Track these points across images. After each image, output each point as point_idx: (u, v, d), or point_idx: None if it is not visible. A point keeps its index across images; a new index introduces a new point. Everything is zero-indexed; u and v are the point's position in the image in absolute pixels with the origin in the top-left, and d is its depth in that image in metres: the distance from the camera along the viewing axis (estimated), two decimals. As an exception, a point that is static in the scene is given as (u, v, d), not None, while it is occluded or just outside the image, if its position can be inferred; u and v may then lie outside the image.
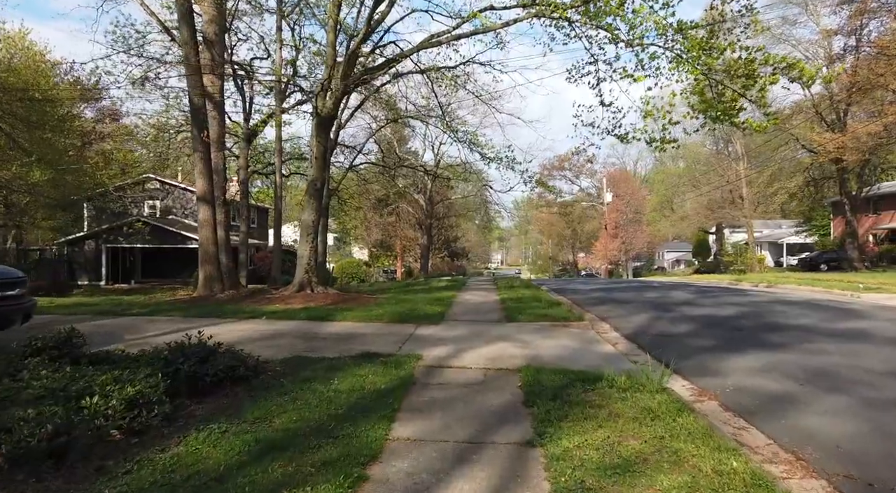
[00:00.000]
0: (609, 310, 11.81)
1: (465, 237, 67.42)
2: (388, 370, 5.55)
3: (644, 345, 7.71)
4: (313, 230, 12.15)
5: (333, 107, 11.88)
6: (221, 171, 15.01)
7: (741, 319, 9.83)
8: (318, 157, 12.00)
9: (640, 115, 13.82)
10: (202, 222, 12.93)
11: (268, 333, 7.76)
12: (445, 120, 15.86)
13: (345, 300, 11.34)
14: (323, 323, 8.78)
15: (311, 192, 12.14)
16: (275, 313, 9.68)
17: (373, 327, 8.49)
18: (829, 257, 32.67)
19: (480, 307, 11.55)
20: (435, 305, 11.33)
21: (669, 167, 65.53)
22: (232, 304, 10.86)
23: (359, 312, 9.88)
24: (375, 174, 26.57)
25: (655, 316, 10.56)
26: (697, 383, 5.71)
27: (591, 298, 14.96)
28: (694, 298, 13.76)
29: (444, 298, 13.18)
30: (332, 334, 7.83)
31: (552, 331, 8.61)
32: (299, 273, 12.09)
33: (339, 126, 17.48)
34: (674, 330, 8.97)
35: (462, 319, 9.66)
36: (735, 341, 7.73)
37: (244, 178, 22.23)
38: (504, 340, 7.59)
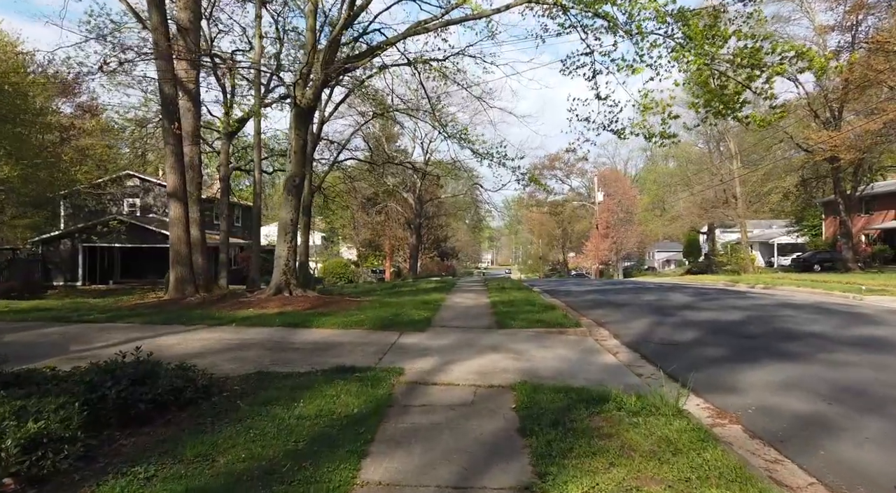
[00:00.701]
0: (606, 314, 11.18)
1: (455, 237, 66.80)
2: (363, 389, 4.83)
3: (647, 355, 7.08)
4: (291, 229, 11.39)
5: (314, 97, 11.12)
6: (197, 166, 14.20)
7: (749, 324, 9.23)
8: (296, 151, 11.23)
9: (637, 109, 13.24)
10: (173, 221, 12.11)
11: (234, 343, 7.01)
12: (434, 114, 15.15)
13: (325, 304, 10.59)
14: (298, 331, 8.04)
15: (290, 188, 11.37)
16: (247, 318, 8.92)
17: (352, 335, 7.77)
18: (822, 257, 32.37)
19: (470, 312, 10.87)
20: (421, 309, 10.63)
21: (660, 167, 65.30)
22: (202, 308, 10.09)
23: (339, 317, 9.15)
24: (362, 172, 25.80)
25: (656, 321, 9.93)
26: (714, 401, 5.07)
27: (586, 300, 14.33)
28: (694, 301, 13.18)
29: (431, 301, 12.48)
30: (307, 344, 7.10)
31: (547, 339, 7.95)
32: (276, 275, 11.32)
33: (322, 120, 16.70)
34: (678, 337, 8.34)
35: (450, 325, 8.97)
36: (747, 351, 7.10)
37: (225, 174, 21.37)
38: (496, 350, 6.90)
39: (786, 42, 9.90)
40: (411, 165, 27.76)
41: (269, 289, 11.33)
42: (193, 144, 14.09)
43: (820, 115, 27.00)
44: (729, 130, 32.39)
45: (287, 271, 11.26)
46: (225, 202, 21.41)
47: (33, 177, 23.41)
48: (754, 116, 11.65)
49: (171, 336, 7.33)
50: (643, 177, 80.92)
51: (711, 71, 10.57)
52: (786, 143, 29.72)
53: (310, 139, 15.79)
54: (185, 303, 10.83)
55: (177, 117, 12.25)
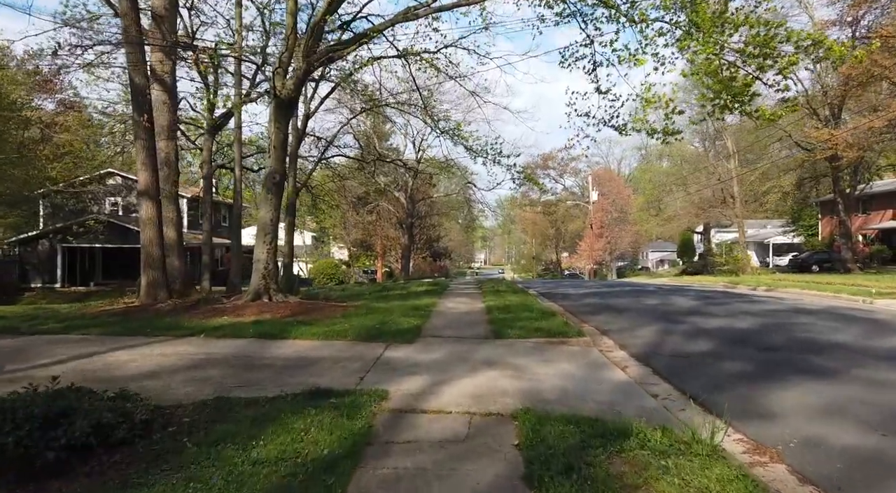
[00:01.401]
0: (608, 321, 10.48)
1: (448, 237, 66.07)
2: (338, 421, 4.08)
3: (660, 370, 6.37)
4: (271, 230, 10.60)
5: (295, 88, 10.34)
6: (173, 163, 13.35)
7: (765, 333, 8.55)
8: (276, 146, 10.45)
9: (640, 103, 12.55)
10: (144, 221, 11.28)
11: (198, 358, 6.22)
12: (426, 109, 14.37)
13: (307, 311, 9.82)
14: (273, 343, 7.26)
15: (269, 186, 10.58)
16: (218, 328, 8.13)
17: (333, 348, 7.00)
18: (820, 257, 31.92)
19: (463, 319, 10.13)
20: (411, 316, 9.88)
21: (655, 166, 64.88)
22: (172, 316, 9.28)
23: (320, 326, 8.38)
24: (352, 170, 24.99)
25: (663, 329, 9.24)
26: (746, 430, 4.35)
27: (585, 304, 13.64)
28: (699, 305, 12.52)
29: (422, 306, 11.73)
30: (281, 359, 6.32)
31: (549, 351, 7.22)
32: (255, 279, 10.53)
33: (307, 115, 15.89)
34: (691, 348, 7.64)
35: (442, 335, 8.22)
36: (772, 366, 6.41)
37: (208, 172, 20.50)
38: (493, 365, 6.17)
39: (802, 31, 9.22)
40: (402, 162, 26.94)
41: (247, 294, 10.53)
42: (169, 140, 13.25)
43: (819, 113, 26.51)
44: (726, 127, 31.90)
45: (267, 274, 10.46)
46: (208, 201, 20.56)
47: (7, 174, 22.42)
48: (763, 109, 11.01)
49: (127, 351, 6.53)
50: (637, 176, 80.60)
51: (720, 61, 9.89)
52: (784, 141, 29.22)
53: (293, 135, 14.99)
54: (155, 310, 10.02)
55: (146, 110, 11.40)
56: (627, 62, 12.15)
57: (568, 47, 13.06)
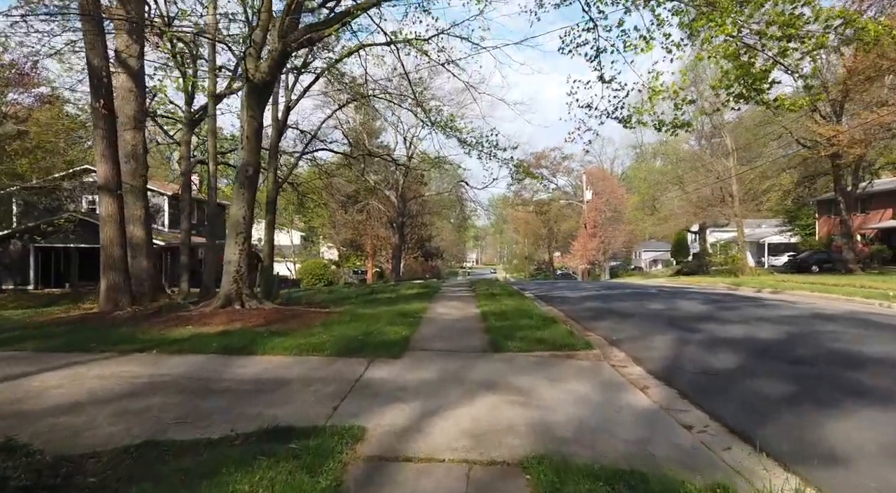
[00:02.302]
0: (614, 328, 9.59)
1: (440, 236, 65.06)
2: (296, 478, 3.11)
3: (686, 391, 5.47)
4: (244, 229, 9.60)
5: (270, 71, 9.34)
6: (141, 156, 12.30)
7: (792, 344, 7.69)
8: (249, 135, 9.45)
9: (646, 94, 11.69)
10: (104, 218, 10.23)
11: (141, 382, 5.23)
12: (416, 99, 13.38)
13: (283, 319, 8.83)
14: (237, 360, 6.28)
15: (242, 180, 9.59)
16: (177, 341, 7.12)
17: (306, 366, 6.03)
18: (819, 257, 31.29)
19: (457, 327, 9.19)
20: (399, 324, 8.92)
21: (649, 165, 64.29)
22: (130, 325, 8.26)
23: (295, 338, 7.40)
24: (340, 167, 23.95)
25: (677, 339, 8.35)
26: (817, 480, 3.45)
27: (586, 309, 12.76)
28: (709, 310, 11.67)
29: (411, 312, 10.78)
30: (242, 382, 5.35)
31: (555, 367, 6.31)
32: (225, 284, 9.52)
33: (288, 106, 14.85)
34: (714, 363, 6.75)
35: (433, 347, 7.27)
36: (812, 385, 5.53)
37: (186, 168, 19.40)
38: (493, 388, 5.24)
39: (833, 8, 8.36)
40: (391, 158, 25.91)
41: (217, 300, 9.51)
42: (137, 131, 12.20)
43: (819, 110, 25.82)
44: (724, 125, 31.22)
45: (239, 278, 9.46)
46: (186, 198, 19.46)
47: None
48: (782, 98, 10.18)
49: (58, 373, 5.53)
50: (630, 175, 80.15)
51: (738, 43, 9.02)
52: (783, 139, 28.54)
53: (274, 127, 14.00)
54: (112, 317, 8.98)
55: (104, 95, 10.34)
56: (634, 48, 11.30)
57: (569, 32, 12.15)
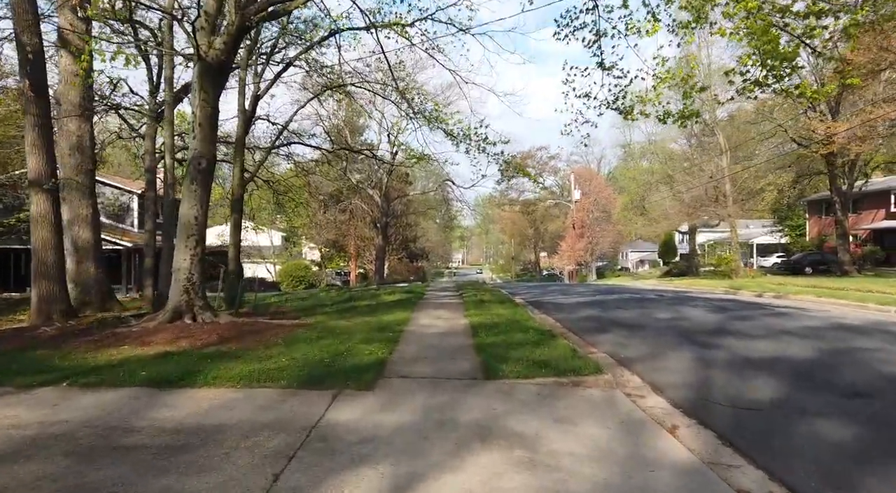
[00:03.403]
0: (620, 342, 8.49)
1: (426, 237, 63.83)
2: None
3: (728, 434, 4.36)
4: (196, 230, 8.31)
5: (225, 49, 8.07)
6: (88, 148, 10.93)
7: (834, 366, 6.64)
8: (202, 122, 8.16)
9: (651, 82, 10.64)
10: (36, 220, 8.85)
11: (20, 437, 3.95)
12: (397, 86, 12.13)
13: (240, 336, 7.56)
14: (166, 396, 5.02)
15: (193, 174, 8.29)
16: (99, 369, 5.82)
17: (252, 406, 4.80)
18: (813, 259, 30.67)
19: (443, 344, 7.99)
20: (376, 341, 7.72)
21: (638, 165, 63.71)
22: (52, 346, 6.93)
23: (248, 362, 6.16)
24: (318, 164, 22.64)
25: (696, 357, 7.26)
26: None
27: (585, 318, 11.66)
28: (721, 320, 10.63)
29: (391, 324, 9.58)
30: (158, 434, 4.09)
31: (562, 400, 5.16)
32: (174, 294, 8.23)
33: (257, 95, 13.49)
34: (748, 391, 5.65)
35: (414, 373, 6.07)
36: (885, 427, 4.45)
37: (151, 165, 17.94)
38: (489, 439, 4.05)
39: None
40: (372, 154, 24.59)
41: (164, 314, 8.20)
42: (83, 120, 10.83)
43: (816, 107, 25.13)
44: (718, 122, 30.49)
45: (190, 287, 8.17)
46: (150, 197, 18.01)
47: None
48: (805, 85, 9.17)
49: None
50: (617, 175, 79.73)
51: (760, 20, 7.95)
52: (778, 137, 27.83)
53: (240, 118, 12.69)
54: (36, 335, 7.64)
55: (32, 75, 8.95)
56: (638, 32, 10.23)
57: (565, 15, 11.03)
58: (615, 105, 11.48)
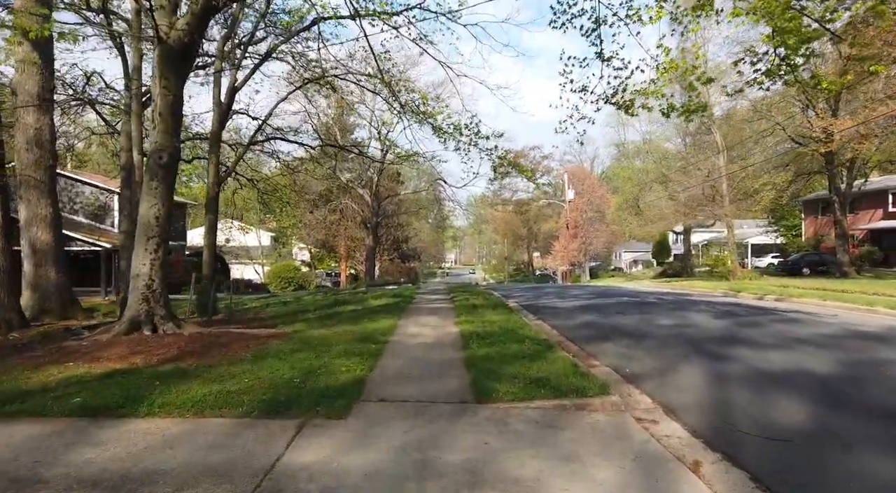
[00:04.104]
0: (624, 354, 7.80)
1: (418, 237, 63.02)
2: None
3: (760, 474, 3.70)
4: (158, 232, 7.53)
5: (189, 31, 7.30)
6: (47, 143, 10.11)
7: (862, 381, 5.98)
8: (163, 112, 7.39)
9: (653, 73, 9.99)
10: (-20, 219, 8.10)
11: None
12: (382, 76, 11.36)
13: (204, 349, 6.80)
14: (99, 430, 4.26)
15: (154, 169, 7.52)
16: (30, 394, 5.04)
17: (198, 443, 4.04)
18: (811, 260, 30.17)
19: (430, 358, 7.26)
20: (356, 354, 6.98)
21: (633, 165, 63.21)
22: (-14, 363, 6.14)
23: (206, 382, 5.40)
24: (304, 162, 21.82)
25: (710, 372, 6.58)
26: None
27: (583, 325, 10.97)
28: (728, 326, 9.96)
29: (375, 333, 8.84)
30: (70, 488, 3.33)
31: (566, 430, 4.45)
32: (133, 303, 7.45)
33: (234, 87, 12.62)
34: (777, 416, 4.97)
35: (395, 395, 5.34)
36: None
37: (126, 163, 17.05)
38: (481, 488, 3.33)
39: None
40: (359, 150, 23.77)
41: (121, 324, 7.42)
42: (41, 112, 10.00)
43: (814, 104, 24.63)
44: (714, 120, 29.94)
45: (151, 296, 7.40)
46: (126, 195, 17.12)
47: None
48: (820, 75, 8.54)
49: None
50: (611, 175, 79.33)
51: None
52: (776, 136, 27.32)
53: (216, 111, 11.88)
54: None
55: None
56: (640, 20, 9.56)
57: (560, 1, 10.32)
58: (614, 99, 10.80)
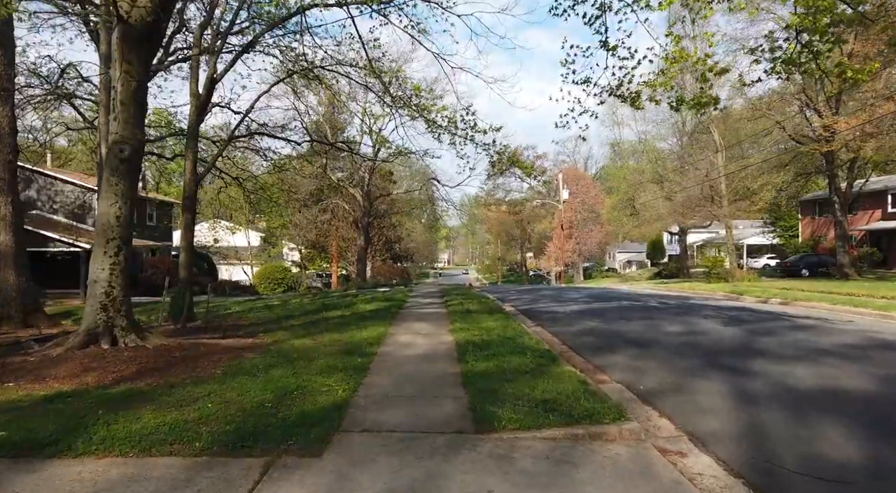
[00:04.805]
0: (635, 367, 7.12)
1: (411, 237, 62.23)
2: None
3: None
4: (119, 233, 6.76)
5: (153, 10, 6.54)
6: (6, 136, 9.31)
7: (909, 404, 5.33)
8: (124, 100, 6.62)
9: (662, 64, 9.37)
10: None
11: None
12: (372, 66, 10.60)
13: (168, 365, 6.05)
14: (17, 478, 3.52)
15: (113, 164, 6.76)
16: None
17: (139, 491, 3.31)
18: (810, 261, 29.70)
19: (422, 374, 6.55)
20: (339, 370, 6.26)
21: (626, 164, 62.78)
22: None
23: (162, 408, 4.67)
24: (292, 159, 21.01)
25: (732, 390, 5.92)
26: None
27: (586, 332, 10.29)
28: (741, 335, 9.31)
29: (363, 343, 8.12)
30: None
31: (582, 468, 3.76)
32: (90, 313, 6.67)
33: (212, 78, 11.72)
34: (824, 448, 4.31)
35: (381, 425, 4.62)
36: None
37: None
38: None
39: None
40: (348, 147, 22.93)
41: (75, 336, 6.64)
42: (1, 103, 9.17)
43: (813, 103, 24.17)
44: (711, 119, 29.41)
45: (111, 305, 6.63)
46: (103, 195, 16.25)
47: None
48: (846, 63, 7.91)
49: None
50: (604, 175, 78.99)
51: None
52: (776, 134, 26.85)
53: (193, 103, 11.09)
54: None
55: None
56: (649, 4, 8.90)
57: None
58: (619, 91, 10.15)
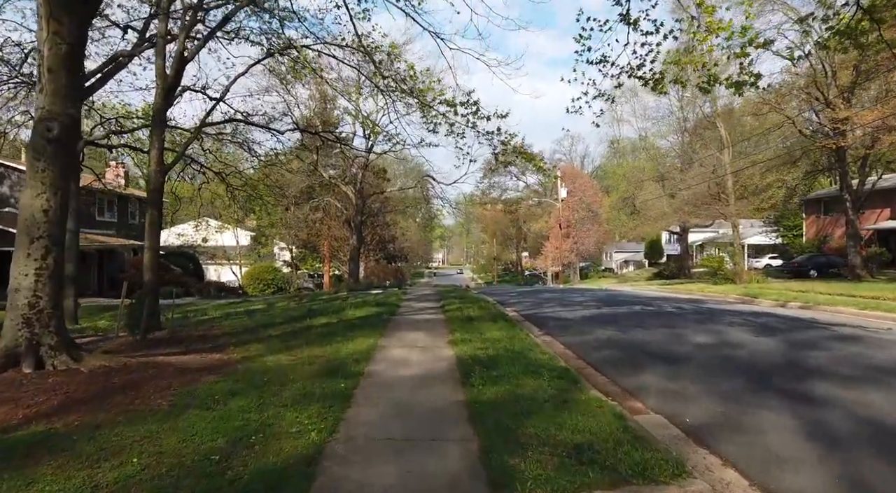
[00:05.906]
0: (671, 390, 5.97)
1: (405, 237, 60.96)
2: None
3: None
4: (47, 230, 5.53)
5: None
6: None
7: None
8: (52, 67, 5.39)
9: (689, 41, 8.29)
10: None
11: None
12: (360, 40, 9.39)
13: (103, 394, 4.82)
14: None
15: (39, 145, 5.52)
16: None
17: None
18: (819, 261, 28.69)
19: (418, 405, 5.37)
20: (316, 400, 5.08)
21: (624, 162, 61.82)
22: None
23: (66, 466, 3.48)
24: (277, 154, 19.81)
25: (805, 425, 4.79)
26: None
27: (602, 343, 9.13)
28: (782, 348, 8.17)
29: (348, 360, 6.94)
30: None
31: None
32: (9, 328, 5.40)
33: (183, 55, 10.40)
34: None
35: (363, 489, 3.43)
36: None
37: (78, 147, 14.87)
38: None
39: None
40: (336, 138, 21.68)
41: (-8, 357, 5.44)
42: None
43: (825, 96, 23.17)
44: (718, 114, 28.45)
45: (36, 318, 5.39)
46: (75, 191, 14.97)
47: None
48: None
49: None
50: (602, 173, 78.07)
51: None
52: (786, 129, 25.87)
53: (160, 85, 9.84)
54: None
55: None
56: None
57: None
58: (640, 72, 9.03)
